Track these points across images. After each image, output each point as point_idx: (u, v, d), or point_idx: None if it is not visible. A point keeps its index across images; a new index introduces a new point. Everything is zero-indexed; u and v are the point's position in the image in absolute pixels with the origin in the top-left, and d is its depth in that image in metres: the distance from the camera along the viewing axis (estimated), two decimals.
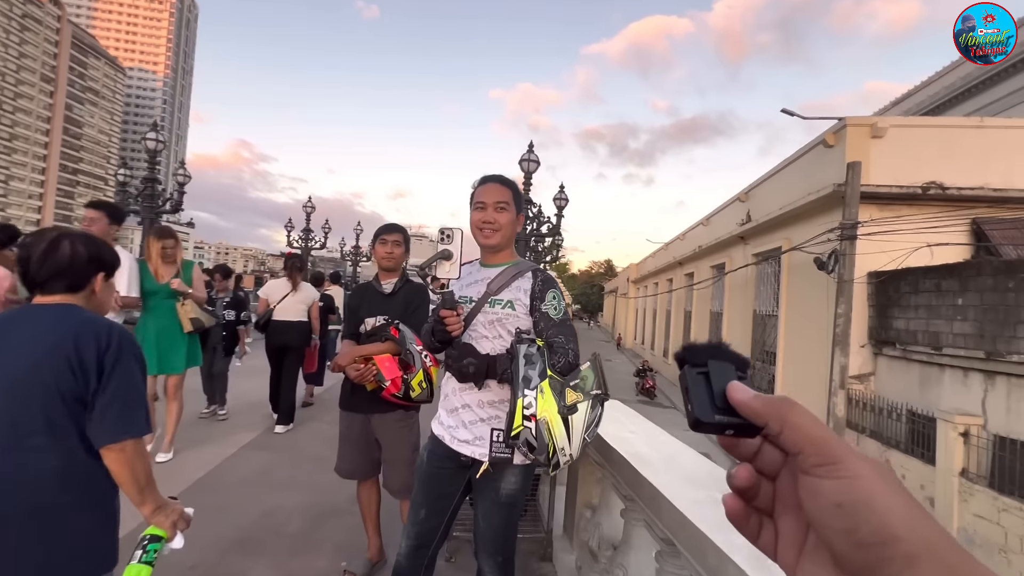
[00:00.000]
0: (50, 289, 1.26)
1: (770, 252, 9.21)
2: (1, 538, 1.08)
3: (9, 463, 1.10)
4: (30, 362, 1.14)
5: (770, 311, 9.24)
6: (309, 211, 13.63)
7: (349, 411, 2.34)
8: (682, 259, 15.33)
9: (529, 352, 1.45)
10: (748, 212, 10.02)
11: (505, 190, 1.65)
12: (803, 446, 0.29)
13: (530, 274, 1.62)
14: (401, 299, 2.31)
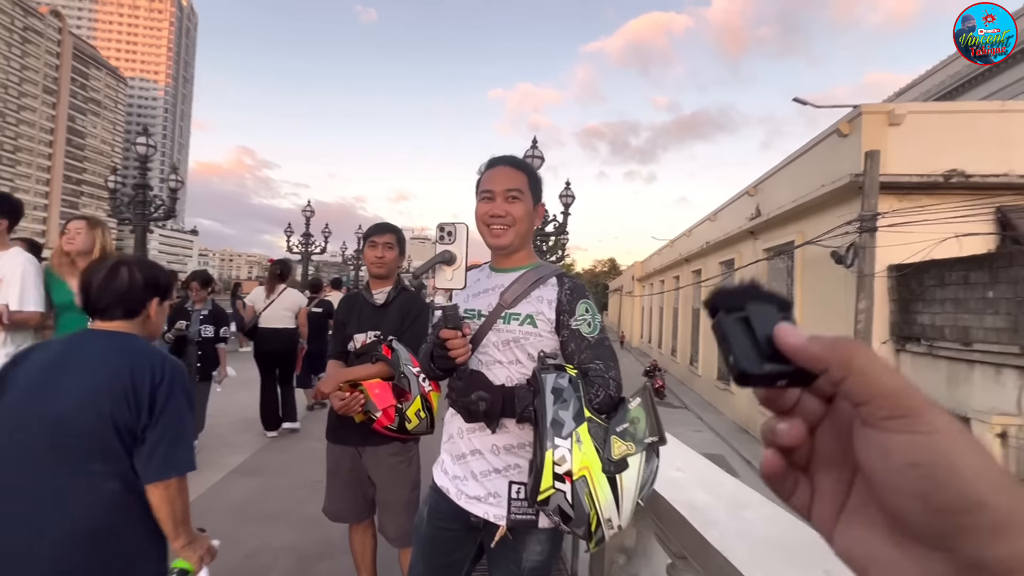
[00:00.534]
0: (109, 315, 1.31)
1: (783, 247, 8.94)
2: (62, 556, 1.12)
3: (71, 486, 1.15)
4: (90, 389, 1.18)
5: None
6: (309, 215, 13.45)
7: (336, 443, 2.01)
8: (689, 256, 15.05)
9: (559, 385, 1.12)
10: (758, 206, 9.76)
11: (518, 174, 1.32)
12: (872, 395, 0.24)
13: (554, 280, 1.29)
14: (395, 311, 1.99)
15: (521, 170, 1.34)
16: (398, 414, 1.75)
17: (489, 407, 1.17)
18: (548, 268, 1.34)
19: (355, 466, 1.99)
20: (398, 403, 1.75)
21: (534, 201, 1.35)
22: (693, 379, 14.64)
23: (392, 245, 2.05)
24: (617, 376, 1.20)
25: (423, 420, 1.79)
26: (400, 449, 1.96)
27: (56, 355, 1.25)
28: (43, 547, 1.11)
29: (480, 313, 1.33)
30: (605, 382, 1.18)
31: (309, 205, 13.62)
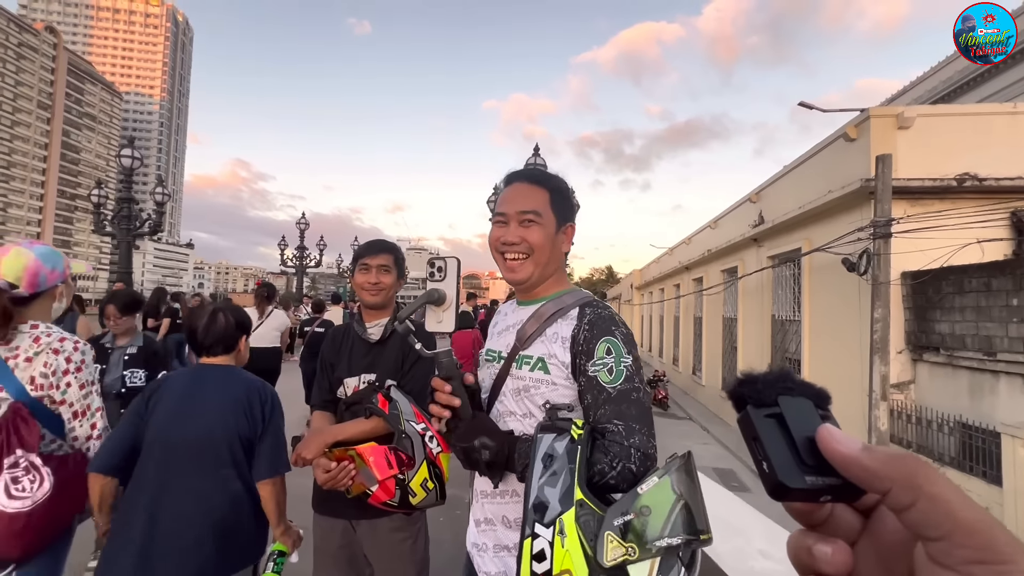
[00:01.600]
0: (212, 352, 1.68)
1: (788, 254, 8.74)
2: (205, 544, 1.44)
3: (210, 487, 1.49)
4: (218, 411, 1.55)
5: (790, 316, 8.74)
6: (303, 228, 13.24)
7: (325, 515, 1.64)
8: (690, 264, 14.86)
9: (553, 451, 0.87)
10: (760, 213, 9.58)
11: (537, 192, 1.09)
12: (951, 531, 0.21)
13: (575, 313, 1.04)
14: (394, 349, 1.62)
15: (541, 185, 1.11)
16: (399, 487, 1.40)
17: (492, 457, 0.97)
18: (573, 297, 1.09)
19: (348, 542, 1.62)
20: (399, 472, 1.40)
21: (559, 222, 1.10)
22: (696, 389, 14.37)
23: (389, 268, 1.68)
24: (643, 443, 0.92)
25: (431, 492, 1.44)
26: (403, 523, 1.58)
27: (185, 384, 1.62)
28: (193, 537, 1.45)
29: (500, 355, 1.11)
30: (624, 451, 0.89)
31: (304, 217, 13.41)
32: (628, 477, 0.88)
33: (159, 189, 8.70)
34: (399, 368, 1.60)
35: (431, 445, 1.43)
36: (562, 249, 1.13)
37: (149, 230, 8.21)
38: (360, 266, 1.68)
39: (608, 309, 1.07)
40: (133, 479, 1.48)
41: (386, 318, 1.68)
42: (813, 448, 0.24)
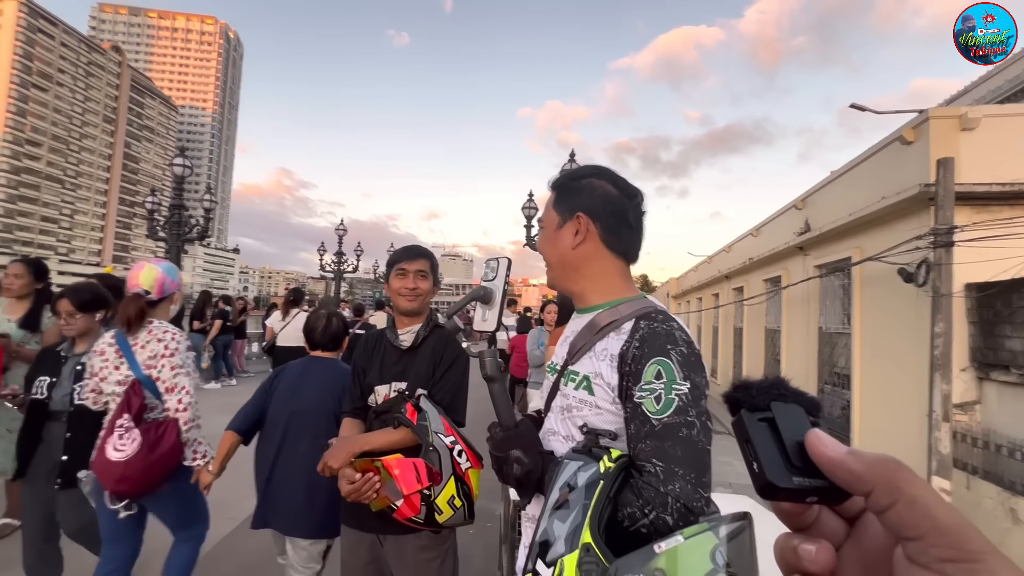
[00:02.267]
0: (324, 348, 2.25)
1: (837, 263, 8.33)
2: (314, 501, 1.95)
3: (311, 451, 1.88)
4: (322, 395, 2.09)
5: (839, 328, 8.32)
6: (341, 234, 13.57)
7: (352, 528, 1.60)
8: (730, 272, 14.41)
9: (575, 479, 0.77)
10: (807, 221, 9.17)
11: (549, 198, 1.04)
12: (927, 530, 0.22)
13: (628, 326, 0.90)
14: (425, 356, 1.56)
15: (551, 189, 1.07)
16: (425, 503, 1.33)
17: (524, 474, 0.89)
18: (632, 306, 0.95)
19: (375, 558, 1.57)
20: (425, 487, 1.33)
21: (561, 217, 1.02)
22: None
23: (426, 273, 1.63)
24: (686, 492, 0.75)
25: (459, 510, 1.36)
26: (431, 542, 1.51)
27: (299, 372, 2.19)
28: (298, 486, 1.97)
29: (555, 367, 1.02)
30: (659, 499, 0.75)
31: (342, 224, 13.75)
32: (663, 530, 0.74)
33: (207, 196, 9.14)
34: (430, 376, 1.54)
35: (460, 460, 1.37)
36: (568, 244, 1.00)
37: (197, 235, 8.63)
38: (397, 271, 1.63)
39: (669, 323, 0.91)
40: (263, 439, 2.13)
41: (419, 324, 1.63)
42: (802, 451, 0.25)
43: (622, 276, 1.02)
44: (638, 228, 1.03)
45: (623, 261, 1.02)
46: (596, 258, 1.00)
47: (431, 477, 1.34)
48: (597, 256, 1.00)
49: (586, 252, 0.99)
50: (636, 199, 1.03)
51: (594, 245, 0.99)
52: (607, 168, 1.05)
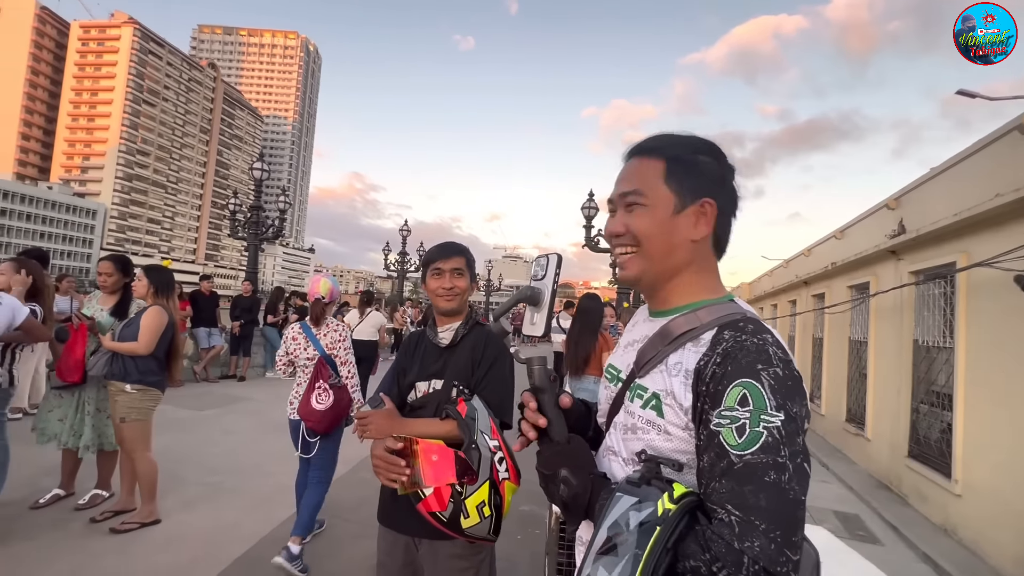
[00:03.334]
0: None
1: (938, 269, 7.48)
2: None
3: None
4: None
5: (939, 342, 7.47)
6: (405, 235, 13.99)
7: (388, 528, 1.56)
8: (809, 278, 13.41)
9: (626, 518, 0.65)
10: (901, 221, 8.32)
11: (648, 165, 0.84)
12: None
13: (708, 336, 0.76)
14: (464, 354, 1.54)
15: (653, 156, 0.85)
16: (453, 500, 1.26)
17: (570, 497, 0.78)
18: (714, 312, 0.80)
19: (410, 560, 1.53)
20: (458, 484, 1.26)
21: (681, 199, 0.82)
22: (814, 418, 12.86)
23: (462, 271, 1.61)
24: (768, 553, 0.60)
25: (485, 520, 1.28)
26: (466, 550, 1.43)
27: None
28: None
29: (618, 377, 0.89)
30: (732, 557, 0.61)
31: (406, 224, 14.17)
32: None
33: (282, 198, 9.75)
34: (469, 374, 1.51)
35: (499, 468, 1.29)
36: (691, 237, 0.83)
37: (272, 235, 9.21)
38: (432, 271, 1.61)
39: (762, 336, 0.73)
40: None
41: (458, 322, 1.62)
42: None
43: (716, 275, 0.87)
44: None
45: (718, 257, 0.89)
46: (706, 255, 0.86)
47: (465, 472, 1.27)
48: (707, 253, 0.86)
49: (702, 248, 0.84)
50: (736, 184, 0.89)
51: (699, 236, 0.84)
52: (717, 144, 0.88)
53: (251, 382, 9.05)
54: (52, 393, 3.48)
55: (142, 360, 3.18)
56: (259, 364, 9.96)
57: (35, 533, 3.06)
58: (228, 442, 5.27)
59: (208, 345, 8.76)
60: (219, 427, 5.85)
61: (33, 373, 5.62)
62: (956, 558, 4.88)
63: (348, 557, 3.06)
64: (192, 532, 3.24)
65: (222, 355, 9.20)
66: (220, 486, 4.04)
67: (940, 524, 5.99)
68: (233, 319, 9.13)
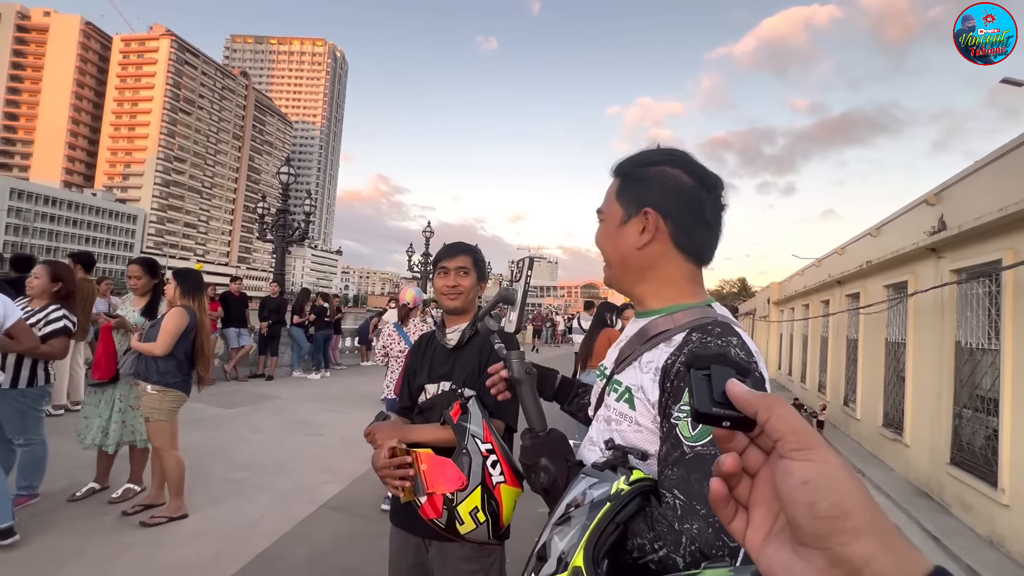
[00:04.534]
0: None
1: (982, 267, 7.13)
2: None
3: None
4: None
5: (983, 343, 7.11)
6: (428, 236, 14.12)
7: (399, 528, 1.56)
8: (843, 277, 12.96)
9: (584, 496, 0.73)
10: (941, 218, 7.95)
11: (611, 185, 0.94)
12: (784, 433, 0.34)
13: (679, 337, 0.81)
14: (471, 355, 1.53)
15: (614, 175, 0.96)
16: (447, 507, 1.25)
17: (549, 483, 0.85)
18: (689, 315, 0.84)
19: (421, 561, 1.52)
20: (450, 492, 1.25)
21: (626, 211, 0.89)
22: (849, 423, 12.41)
23: (468, 269, 1.61)
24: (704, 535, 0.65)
25: (481, 525, 1.24)
26: (475, 553, 1.43)
27: None
28: None
29: (605, 372, 0.96)
30: (672, 536, 0.67)
31: (429, 226, 14.31)
32: (672, 569, 0.67)
33: (307, 201, 9.98)
34: (477, 375, 1.50)
35: (492, 471, 1.26)
36: (633, 244, 0.88)
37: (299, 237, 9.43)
38: (439, 270, 1.62)
39: (727, 338, 0.78)
40: None
41: (466, 323, 1.61)
42: (724, 394, 0.37)
43: (690, 280, 0.89)
44: (716, 226, 0.90)
45: (695, 263, 0.90)
46: (663, 260, 0.88)
47: (460, 480, 1.27)
48: (664, 258, 0.88)
49: (652, 253, 0.87)
50: (716, 191, 0.89)
51: (662, 246, 0.87)
52: (683, 152, 0.90)
53: (279, 381, 9.27)
54: (88, 390, 3.62)
55: (162, 361, 3.26)
56: (286, 364, 10.19)
57: (71, 524, 3.18)
58: (255, 440, 5.40)
59: (238, 345, 9.00)
60: (247, 425, 6.00)
61: (70, 370, 5.87)
62: (1003, 571, 4.61)
63: (368, 556, 3.07)
64: (217, 527, 3.32)
65: (251, 354, 9.45)
66: (246, 483, 4.13)
67: (986, 535, 5.67)
68: (261, 319, 9.37)
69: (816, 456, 0.32)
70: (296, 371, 10.04)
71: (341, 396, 8.10)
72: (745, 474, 0.37)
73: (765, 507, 0.36)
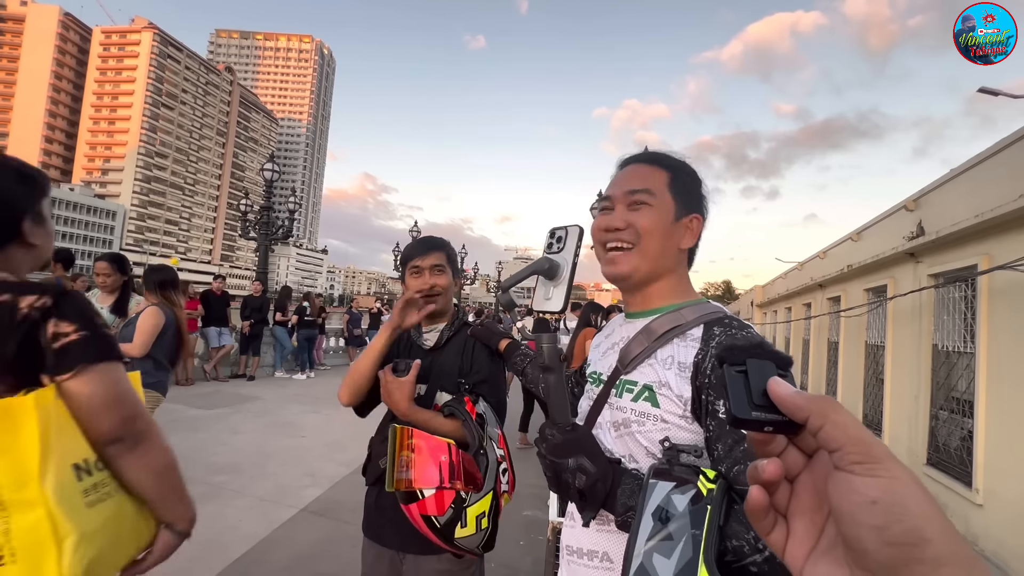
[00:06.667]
0: None
1: (959, 272, 7.28)
2: None
3: None
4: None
5: (959, 347, 7.27)
6: (415, 235, 14.01)
7: (372, 541, 1.46)
8: (824, 280, 13.18)
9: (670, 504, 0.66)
10: (920, 223, 8.11)
11: (654, 172, 0.90)
12: (844, 443, 0.29)
13: (697, 332, 0.81)
14: (451, 357, 1.44)
15: (659, 165, 0.91)
16: (455, 506, 1.18)
17: (589, 486, 0.75)
18: (697, 311, 0.85)
19: (394, 575, 1.43)
20: (461, 489, 1.18)
21: (679, 209, 0.89)
22: None
23: (443, 267, 1.47)
24: None
25: (480, 532, 1.20)
26: (453, 565, 1.34)
27: None
28: None
29: (600, 378, 0.93)
30: None
31: (416, 226, 14.23)
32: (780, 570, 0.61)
33: (292, 199, 9.83)
34: (455, 377, 1.41)
35: (502, 479, 1.23)
36: (681, 244, 0.90)
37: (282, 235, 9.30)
38: (411, 269, 1.48)
39: (749, 331, 0.80)
40: None
41: (443, 323, 1.51)
42: (765, 394, 0.32)
43: (690, 282, 0.96)
44: None
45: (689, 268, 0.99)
46: (683, 263, 0.94)
47: (471, 480, 1.19)
48: (684, 261, 0.94)
49: (683, 256, 0.93)
50: None
51: (687, 246, 0.93)
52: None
53: (260, 381, 9.10)
54: None
55: (138, 362, 3.15)
56: (268, 364, 10.02)
57: None
58: (235, 442, 5.29)
59: (218, 344, 8.83)
60: (227, 426, 5.87)
61: None
62: None
63: (347, 561, 3.01)
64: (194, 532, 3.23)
65: (232, 354, 9.27)
66: (224, 486, 4.03)
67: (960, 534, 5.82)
68: (243, 319, 9.20)
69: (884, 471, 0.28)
70: (279, 371, 9.88)
71: (324, 397, 7.97)
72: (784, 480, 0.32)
73: (807, 518, 0.32)
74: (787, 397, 0.31)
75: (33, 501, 0.80)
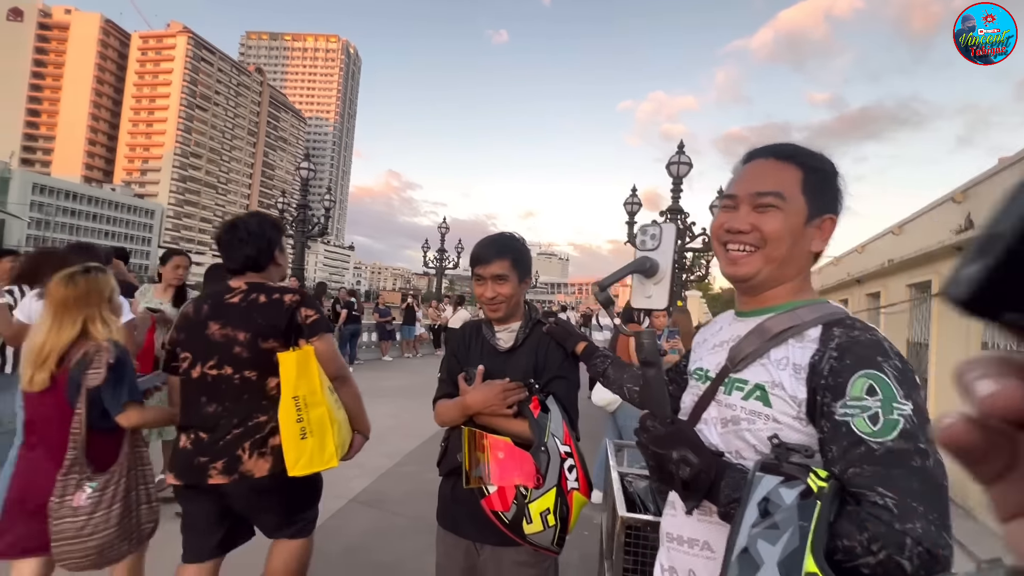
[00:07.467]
0: None
1: None
2: None
3: None
4: None
5: (1012, 345, 6.93)
6: (444, 232, 14.16)
7: (448, 531, 1.49)
8: (862, 276, 12.77)
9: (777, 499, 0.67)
10: (969, 215, 7.79)
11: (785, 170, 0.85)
12: None
13: (815, 333, 0.79)
14: (525, 358, 1.44)
15: (791, 162, 0.86)
16: (517, 502, 1.22)
17: (693, 476, 0.78)
18: (815, 311, 0.83)
19: (471, 565, 1.46)
20: (524, 487, 1.22)
21: (811, 211, 0.84)
22: None
23: (505, 276, 1.44)
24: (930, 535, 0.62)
25: (549, 529, 1.22)
26: (532, 558, 1.35)
27: None
28: None
29: (707, 375, 0.92)
30: (892, 537, 0.62)
31: (444, 222, 14.36)
32: (895, 573, 0.62)
33: (327, 196, 10.09)
34: (532, 377, 1.43)
35: (568, 476, 1.25)
36: (811, 248, 0.87)
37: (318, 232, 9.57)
38: (475, 277, 1.49)
39: (871, 331, 0.78)
40: None
41: (518, 322, 1.51)
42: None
43: (810, 281, 0.92)
44: None
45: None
46: (810, 265, 0.89)
47: (532, 477, 1.24)
48: (810, 261, 0.89)
49: (812, 259, 0.89)
50: None
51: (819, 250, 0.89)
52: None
53: None
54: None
55: None
56: None
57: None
58: None
59: None
60: None
61: None
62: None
63: (400, 552, 3.10)
64: None
65: None
66: None
67: None
68: None
69: None
70: None
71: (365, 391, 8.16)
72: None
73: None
74: None
75: (319, 402, 1.60)
